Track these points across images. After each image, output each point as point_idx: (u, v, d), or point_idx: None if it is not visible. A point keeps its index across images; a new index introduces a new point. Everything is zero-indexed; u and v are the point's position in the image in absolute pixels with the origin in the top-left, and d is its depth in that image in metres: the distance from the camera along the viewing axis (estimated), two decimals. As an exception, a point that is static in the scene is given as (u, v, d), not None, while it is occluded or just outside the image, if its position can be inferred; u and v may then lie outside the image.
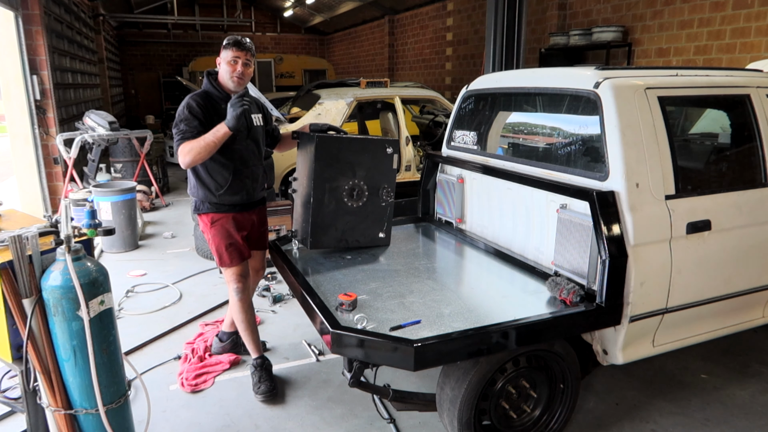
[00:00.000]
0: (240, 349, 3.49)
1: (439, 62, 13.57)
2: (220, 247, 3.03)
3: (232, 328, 3.47)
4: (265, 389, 3.07)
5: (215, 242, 3.04)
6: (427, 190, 3.88)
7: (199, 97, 2.93)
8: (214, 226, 3.03)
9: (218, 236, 3.03)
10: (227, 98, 2.93)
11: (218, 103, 2.95)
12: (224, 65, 2.93)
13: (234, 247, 3.04)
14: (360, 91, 6.63)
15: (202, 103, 2.90)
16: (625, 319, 2.46)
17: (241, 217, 3.09)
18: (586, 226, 2.49)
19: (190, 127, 2.83)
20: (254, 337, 3.18)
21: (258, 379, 3.11)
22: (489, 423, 2.51)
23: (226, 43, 2.93)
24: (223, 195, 2.98)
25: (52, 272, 2.06)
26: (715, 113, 3.45)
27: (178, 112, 2.91)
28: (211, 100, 2.96)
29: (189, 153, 2.78)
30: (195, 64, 15.03)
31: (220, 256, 3.06)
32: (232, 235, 3.04)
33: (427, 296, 2.60)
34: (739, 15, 6.62)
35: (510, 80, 3.42)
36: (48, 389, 2.11)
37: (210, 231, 3.04)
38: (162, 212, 7.53)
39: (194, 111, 2.86)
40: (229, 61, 2.91)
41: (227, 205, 3.03)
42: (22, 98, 6.59)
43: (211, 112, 2.91)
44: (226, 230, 3.03)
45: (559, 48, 8.76)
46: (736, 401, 3.05)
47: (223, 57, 2.93)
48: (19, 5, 6.38)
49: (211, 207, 3.02)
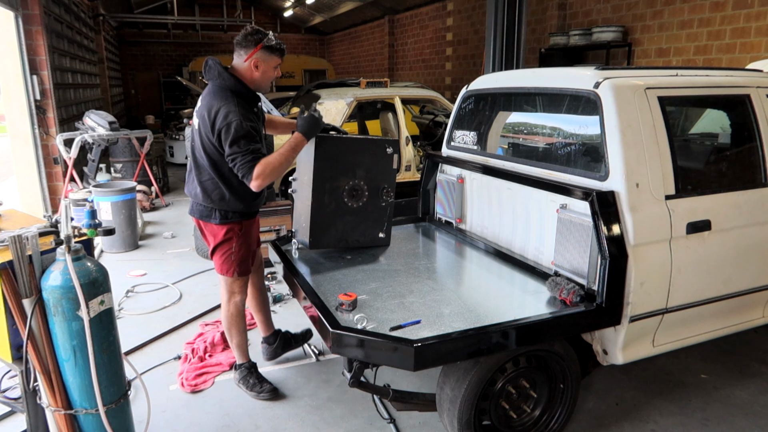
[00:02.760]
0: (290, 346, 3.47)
1: (439, 62, 13.57)
2: (246, 256, 2.92)
3: (270, 329, 3.41)
4: (269, 388, 3.08)
5: (242, 252, 2.89)
6: (427, 190, 3.88)
7: (239, 104, 2.67)
8: (243, 235, 2.89)
9: (245, 245, 2.91)
10: (255, 97, 2.83)
11: (253, 103, 2.81)
12: (267, 69, 2.77)
13: (252, 254, 2.98)
14: (360, 91, 6.63)
15: (248, 109, 2.71)
16: (625, 319, 2.46)
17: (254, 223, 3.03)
18: (586, 226, 2.49)
19: (255, 142, 2.62)
20: (245, 344, 3.16)
21: (256, 381, 3.11)
22: (489, 423, 2.51)
23: (274, 47, 2.75)
24: (255, 202, 2.90)
25: (52, 272, 2.06)
26: (715, 113, 3.45)
27: (228, 123, 2.60)
28: (247, 102, 2.75)
29: (272, 174, 2.61)
30: (195, 64, 15.04)
31: (239, 265, 2.91)
32: (253, 243, 2.98)
33: (427, 296, 2.60)
34: (739, 15, 6.62)
35: (510, 80, 3.42)
36: (48, 389, 2.11)
37: (238, 240, 2.88)
38: (162, 212, 7.53)
39: (251, 121, 2.65)
40: (275, 68, 2.79)
41: (253, 212, 2.95)
42: (22, 98, 6.59)
43: (254, 119, 2.74)
44: (251, 237, 2.95)
45: (559, 48, 8.76)
46: (736, 401, 3.05)
47: (266, 60, 2.74)
48: (19, 5, 6.38)
49: (240, 215, 2.86)
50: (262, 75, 2.78)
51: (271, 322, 3.42)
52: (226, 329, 3.11)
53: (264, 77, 2.79)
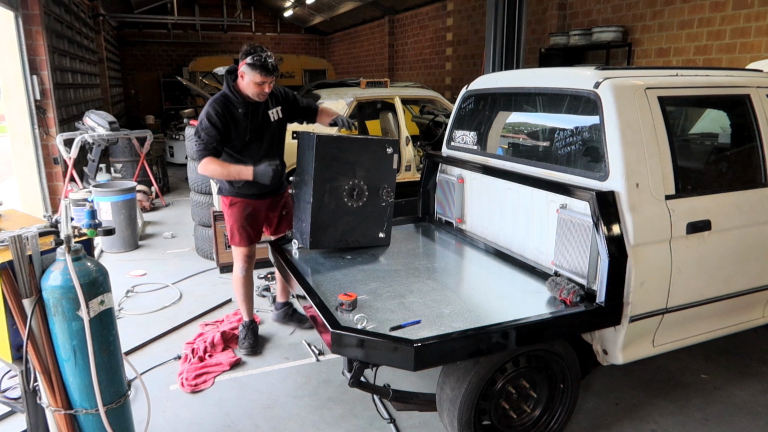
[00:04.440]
0: (292, 319, 3.90)
1: (439, 62, 13.57)
2: (234, 226, 3.38)
3: (284, 297, 3.90)
4: (247, 345, 3.53)
5: (230, 222, 3.39)
6: (427, 190, 3.88)
7: (218, 104, 3.10)
8: (231, 208, 3.36)
9: (233, 217, 3.37)
10: (244, 104, 3.14)
11: (236, 108, 3.14)
12: (249, 83, 3.05)
13: (244, 230, 3.38)
14: (360, 91, 6.62)
15: (221, 112, 3.08)
16: (625, 319, 2.46)
17: (258, 203, 3.39)
18: (586, 226, 2.49)
19: (209, 137, 3.06)
20: (248, 306, 3.60)
21: (243, 336, 3.56)
22: (489, 423, 2.50)
23: (251, 63, 2.98)
24: (241, 188, 3.29)
25: (52, 272, 2.06)
26: (715, 113, 3.45)
27: (200, 117, 3.12)
28: (229, 105, 3.14)
29: (209, 171, 3.08)
30: (195, 64, 15.02)
31: (231, 235, 3.42)
32: (244, 218, 3.36)
33: (427, 296, 2.60)
34: (739, 15, 6.62)
35: (510, 80, 3.42)
36: (48, 389, 2.11)
37: (227, 211, 3.39)
38: (162, 212, 7.54)
39: (213, 121, 3.06)
40: (256, 83, 3.04)
41: (244, 194, 3.33)
42: (22, 98, 6.60)
43: (228, 120, 3.11)
44: (240, 213, 3.35)
45: (559, 48, 8.76)
46: (736, 401, 3.05)
47: (248, 75, 3.03)
48: (19, 5, 6.38)
49: (230, 191, 3.34)
50: (246, 85, 3.10)
51: (288, 292, 3.87)
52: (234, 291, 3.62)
53: (247, 87, 3.10)
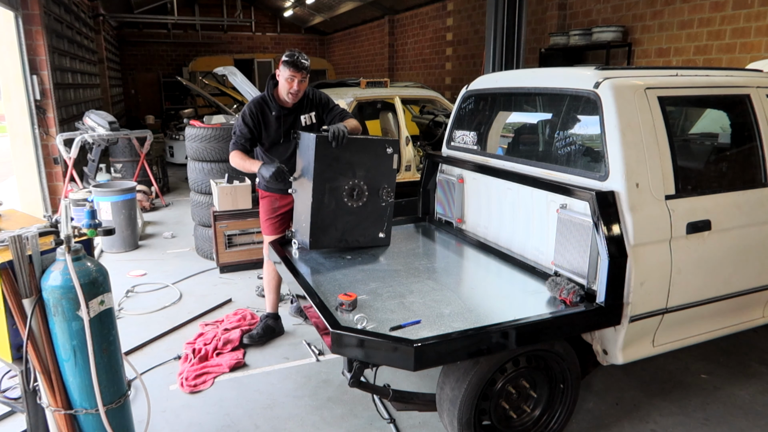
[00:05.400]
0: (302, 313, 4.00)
1: (439, 62, 13.56)
2: (263, 217, 3.70)
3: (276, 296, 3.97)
4: (251, 334, 3.70)
5: (261, 213, 3.71)
6: (427, 190, 3.88)
7: (254, 105, 3.40)
8: (262, 201, 3.68)
9: (263, 209, 3.69)
10: (278, 108, 3.38)
11: (270, 110, 3.40)
12: (282, 81, 3.28)
13: (271, 221, 3.66)
14: (360, 91, 6.62)
15: (254, 112, 3.38)
16: (625, 319, 2.46)
17: (285, 199, 3.59)
18: (586, 226, 2.49)
19: (241, 133, 3.39)
20: (272, 297, 3.78)
21: (260, 326, 3.73)
22: (489, 423, 2.50)
23: (284, 60, 3.24)
24: (268, 183, 3.48)
25: (52, 272, 2.06)
26: (715, 113, 3.45)
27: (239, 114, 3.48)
28: (264, 107, 3.40)
29: (233, 162, 3.38)
30: (195, 64, 14.99)
31: (262, 224, 3.73)
32: (271, 210, 3.64)
33: (427, 296, 2.60)
34: (739, 15, 6.62)
35: (510, 80, 3.42)
36: (48, 389, 2.11)
37: (260, 203, 3.71)
38: (162, 212, 7.53)
39: (246, 120, 3.38)
40: (286, 78, 3.25)
41: (272, 189, 3.59)
42: (22, 98, 6.59)
43: (260, 120, 3.40)
44: (268, 206, 3.65)
45: (559, 48, 8.75)
46: (736, 401, 3.05)
47: (282, 71, 3.26)
48: (19, 5, 6.37)
49: (262, 185, 3.62)
50: (281, 86, 3.32)
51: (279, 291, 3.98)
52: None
53: (282, 86, 3.32)
